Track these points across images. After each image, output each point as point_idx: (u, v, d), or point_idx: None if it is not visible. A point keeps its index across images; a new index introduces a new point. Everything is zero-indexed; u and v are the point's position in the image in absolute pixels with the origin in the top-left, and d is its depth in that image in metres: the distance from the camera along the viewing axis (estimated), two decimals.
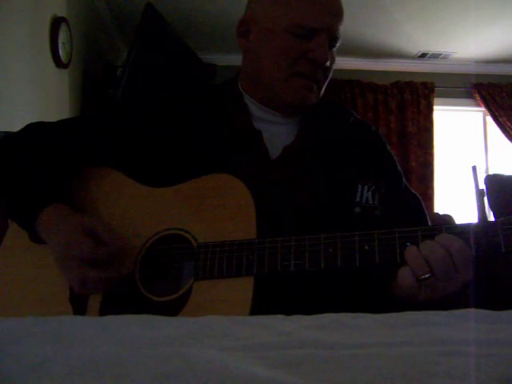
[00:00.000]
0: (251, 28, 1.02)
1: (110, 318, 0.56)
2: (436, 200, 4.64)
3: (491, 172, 4.41)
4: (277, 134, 1.02)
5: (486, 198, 2.12)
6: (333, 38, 0.99)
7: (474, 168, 2.48)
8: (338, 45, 1.01)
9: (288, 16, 0.96)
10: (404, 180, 1.08)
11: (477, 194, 2.28)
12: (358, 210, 0.97)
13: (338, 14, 0.99)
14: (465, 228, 0.78)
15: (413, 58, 4.72)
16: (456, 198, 4.72)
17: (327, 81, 1.03)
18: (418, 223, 0.81)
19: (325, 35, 0.96)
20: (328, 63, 0.98)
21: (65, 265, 0.88)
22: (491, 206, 2.09)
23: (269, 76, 1.00)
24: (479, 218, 2.16)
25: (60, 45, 2.89)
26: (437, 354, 0.43)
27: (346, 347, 0.45)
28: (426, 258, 0.76)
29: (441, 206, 4.63)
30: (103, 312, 0.88)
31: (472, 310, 0.56)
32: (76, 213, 0.92)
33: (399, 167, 1.09)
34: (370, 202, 0.98)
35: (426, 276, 0.77)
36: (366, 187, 0.99)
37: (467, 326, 0.52)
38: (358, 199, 0.98)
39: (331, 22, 0.97)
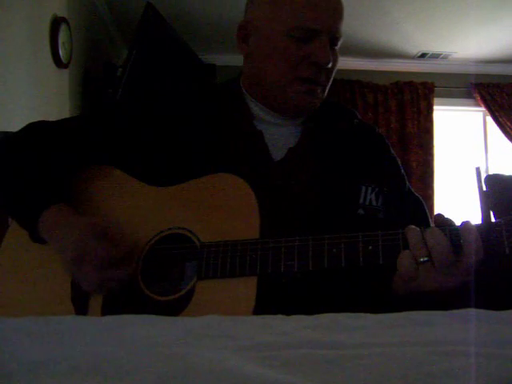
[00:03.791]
0: (250, 32, 1.01)
1: (110, 318, 0.56)
2: (436, 200, 4.64)
3: (491, 172, 4.40)
4: (279, 135, 1.02)
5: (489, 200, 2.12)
6: (334, 38, 0.97)
7: (478, 169, 2.47)
8: (339, 43, 1.00)
9: (287, 19, 0.95)
10: (407, 183, 1.08)
11: (480, 195, 2.27)
12: (361, 211, 0.97)
13: (337, 13, 0.97)
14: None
15: (413, 58, 4.72)
16: (456, 197, 4.72)
17: (330, 81, 1.02)
18: (420, 226, 0.80)
19: (325, 36, 0.95)
20: (330, 64, 0.97)
21: (79, 270, 0.86)
22: (491, 206, 2.09)
23: (270, 81, 0.99)
24: (483, 219, 2.15)
25: (60, 45, 2.88)
26: (437, 354, 0.43)
27: (345, 347, 0.45)
28: (427, 242, 0.76)
29: (441, 206, 4.63)
30: (105, 311, 0.87)
31: (472, 310, 0.56)
32: (82, 215, 0.91)
33: (402, 170, 1.09)
34: (374, 203, 0.98)
35: (425, 259, 0.76)
36: (369, 189, 0.99)
37: (467, 326, 0.52)
38: (361, 201, 0.97)
39: (331, 21, 0.96)
